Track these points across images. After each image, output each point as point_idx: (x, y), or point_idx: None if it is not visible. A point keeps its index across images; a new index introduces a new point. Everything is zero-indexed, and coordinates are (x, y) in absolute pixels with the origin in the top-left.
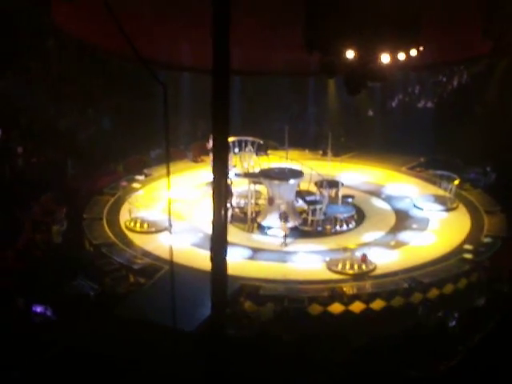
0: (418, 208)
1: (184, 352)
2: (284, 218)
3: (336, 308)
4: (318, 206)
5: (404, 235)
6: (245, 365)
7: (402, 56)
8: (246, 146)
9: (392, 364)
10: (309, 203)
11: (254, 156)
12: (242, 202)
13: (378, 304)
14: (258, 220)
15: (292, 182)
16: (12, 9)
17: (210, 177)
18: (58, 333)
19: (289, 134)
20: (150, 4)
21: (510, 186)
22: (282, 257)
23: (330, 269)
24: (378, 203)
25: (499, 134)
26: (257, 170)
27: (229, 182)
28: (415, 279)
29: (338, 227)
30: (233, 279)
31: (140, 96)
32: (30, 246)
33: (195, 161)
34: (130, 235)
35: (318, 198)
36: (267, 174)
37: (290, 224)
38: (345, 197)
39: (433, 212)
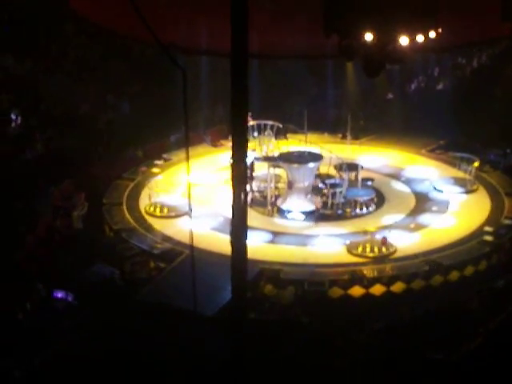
0: (438, 190)
1: (205, 336)
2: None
3: (356, 291)
4: (337, 189)
5: (424, 218)
6: (266, 349)
7: (420, 38)
8: (265, 129)
9: (413, 346)
10: (329, 186)
11: (273, 140)
12: (262, 185)
13: (398, 287)
14: (278, 204)
15: (311, 165)
16: None
17: (230, 161)
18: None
19: (308, 117)
20: None
21: None
22: (302, 240)
23: (350, 252)
24: (398, 186)
25: None
26: (276, 154)
27: (250, 165)
28: (435, 262)
29: (357, 210)
30: (253, 263)
31: (159, 81)
32: (50, 231)
33: (214, 145)
34: (150, 220)
35: (337, 181)
36: (286, 158)
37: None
38: (364, 180)
39: (452, 194)
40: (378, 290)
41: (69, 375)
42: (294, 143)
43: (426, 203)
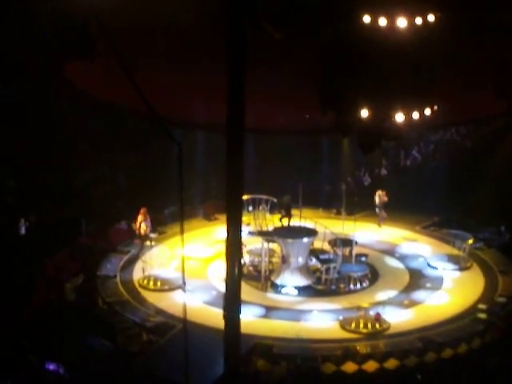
0: (432, 267)
1: None
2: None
3: (349, 367)
4: (331, 265)
5: (418, 294)
6: None
7: (416, 115)
8: (259, 204)
9: None
10: (322, 262)
11: (268, 214)
12: (256, 260)
13: (391, 363)
14: (272, 278)
15: (305, 240)
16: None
17: (224, 235)
18: None
19: (302, 192)
20: (165, 62)
21: None
22: (295, 315)
23: (343, 327)
24: (392, 262)
25: None
26: (270, 229)
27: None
28: (429, 338)
29: (351, 286)
30: (246, 338)
31: (155, 153)
32: (43, 303)
33: (209, 219)
34: (144, 293)
35: (331, 256)
36: (281, 233)
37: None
38: (358, 255)
39: (447, 271)
40: (371, 366)
41: None
42: (289, 218)
43: (419, 280)
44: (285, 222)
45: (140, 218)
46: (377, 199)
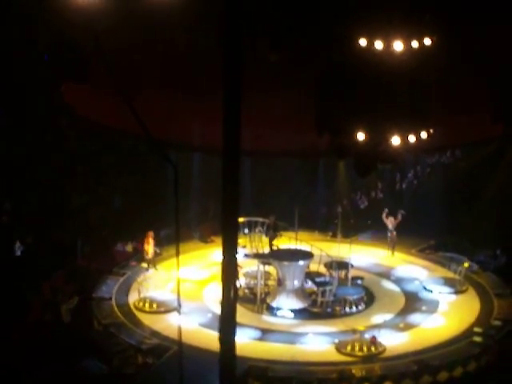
0: (428, 290)
1: None
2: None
3: None
4: (327, 288)
5: (413, 317)
6: None
7: (412, 138)
8: (255, 226)
9: None
10: (318, 284)
11: (264, 237)
12: (252, 282)
13: None
14: (268, 301)
15: (301, 263)
16: (25, 86)
17: (219, 257)
18: None
19: (298, 214)
20: (162, 86)
21: None
22: (290, 338)
23: (338, 350)
24: (388, 285)
25: (509, 217)
26: (266, 251)
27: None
28: (424, 362)
29: (347, 309)
30: (241, 360)
31: (151, 175)
32: (38, 325)
33: (204, 241)
34: (139, 315)
35: (327, 279)
36: (277, 255)
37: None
38: (354, 278)
39: (442, 294)
40: None
41: None
42: (285, 241)
43: (415, 303)
44: (275, 243)
45: (147, 241)
46: (388, 223)
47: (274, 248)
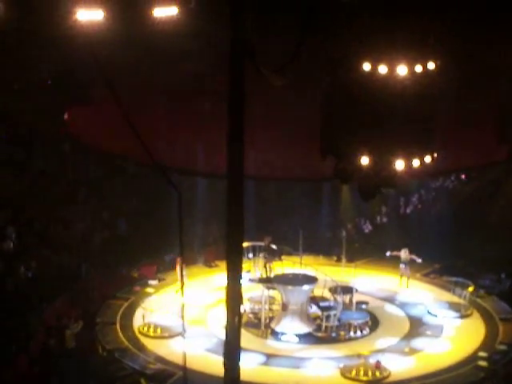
0: (432, 315)
1: None
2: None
3: None
4: (332, 312)
5: (418, 342)
6: None
7: (416, 163)
8: (260, 251)
9: None
10: (323, 309)
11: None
12: (256, 307)
13: None
14: (272, 326)
15: (306, 287)
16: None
17: (224, 282)
18: None
19: (303, 238)
20: (166, 110)
21: None
22: (295, 363)
23: (343, 375)
24: (392, 309)
25: None
26: (271, 276)
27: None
28: None
29: (351, 333)
30: None
31: (155, 200)
32: (42, 351)
33: (208, 265)
34: (144, 340)
35: (332, 303)
36: (281, 280)
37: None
38: (359, 303)
39: (447, 319)
40: None
41: None
42: (289, 265)
43: (420, 327)
44: (271, 266)
45: (179, 267)
46: (402, 254)
47: (269, 272)
